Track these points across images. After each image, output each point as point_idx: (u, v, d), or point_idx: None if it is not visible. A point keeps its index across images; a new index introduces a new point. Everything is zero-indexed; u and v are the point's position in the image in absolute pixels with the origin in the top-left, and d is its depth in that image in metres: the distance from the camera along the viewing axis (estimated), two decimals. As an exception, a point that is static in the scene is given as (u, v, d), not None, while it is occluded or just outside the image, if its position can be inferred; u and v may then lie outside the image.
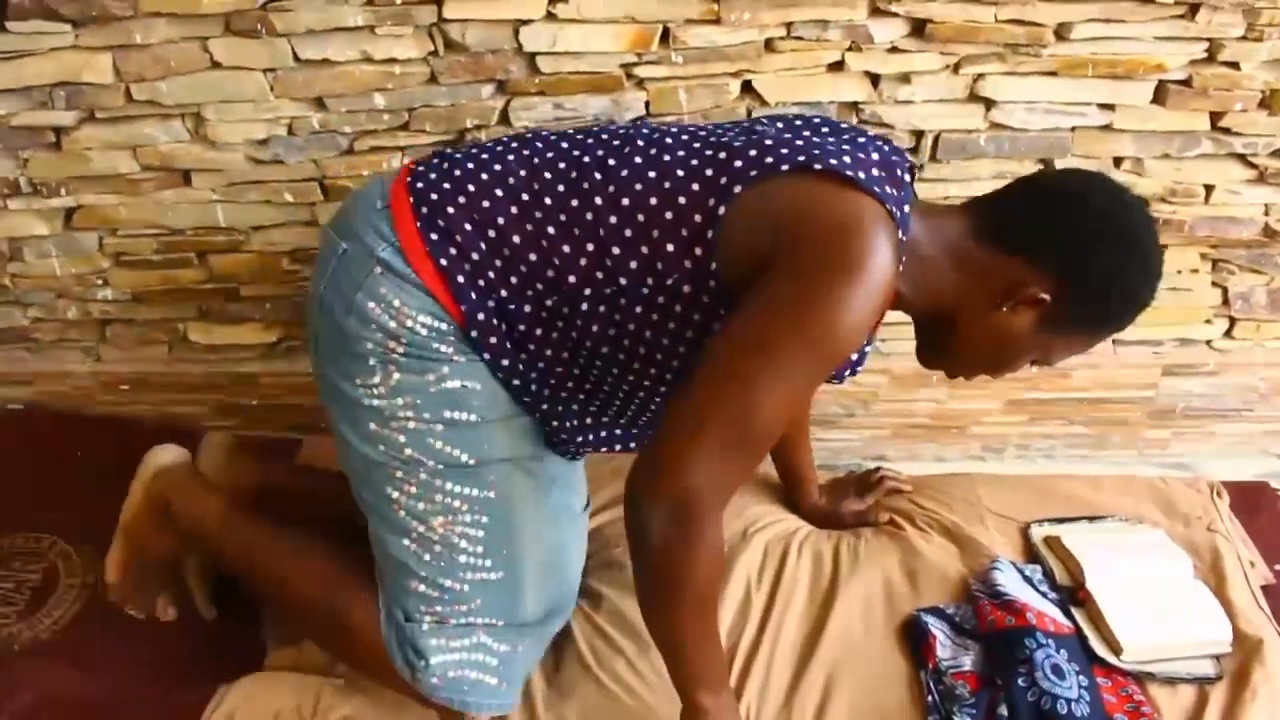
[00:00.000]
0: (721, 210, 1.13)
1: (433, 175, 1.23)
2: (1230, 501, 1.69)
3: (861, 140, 1.20)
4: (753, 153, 1.15)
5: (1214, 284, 1.76)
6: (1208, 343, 1.81)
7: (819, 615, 1.50)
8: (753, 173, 1.13)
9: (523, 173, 1.22)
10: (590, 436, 1.37)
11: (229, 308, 1.79)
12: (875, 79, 1.56)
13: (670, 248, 1.15)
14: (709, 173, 1.15)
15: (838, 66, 1.55)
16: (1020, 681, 1.37)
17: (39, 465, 1.76)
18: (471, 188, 1.21)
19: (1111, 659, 1.43)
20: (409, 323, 1.20)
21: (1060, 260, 1.15)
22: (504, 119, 1.59)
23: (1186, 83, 1.56)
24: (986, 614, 1.46)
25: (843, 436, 1.96)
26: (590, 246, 1.18)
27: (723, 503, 1.12)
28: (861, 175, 1.11)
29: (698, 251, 1.14)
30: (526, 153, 1.24)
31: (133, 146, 1.61)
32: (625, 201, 1.17)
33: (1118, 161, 1.64)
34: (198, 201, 1.67)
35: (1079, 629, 1.46)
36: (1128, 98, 1.57)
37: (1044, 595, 1.51)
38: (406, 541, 1.27)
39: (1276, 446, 1.88)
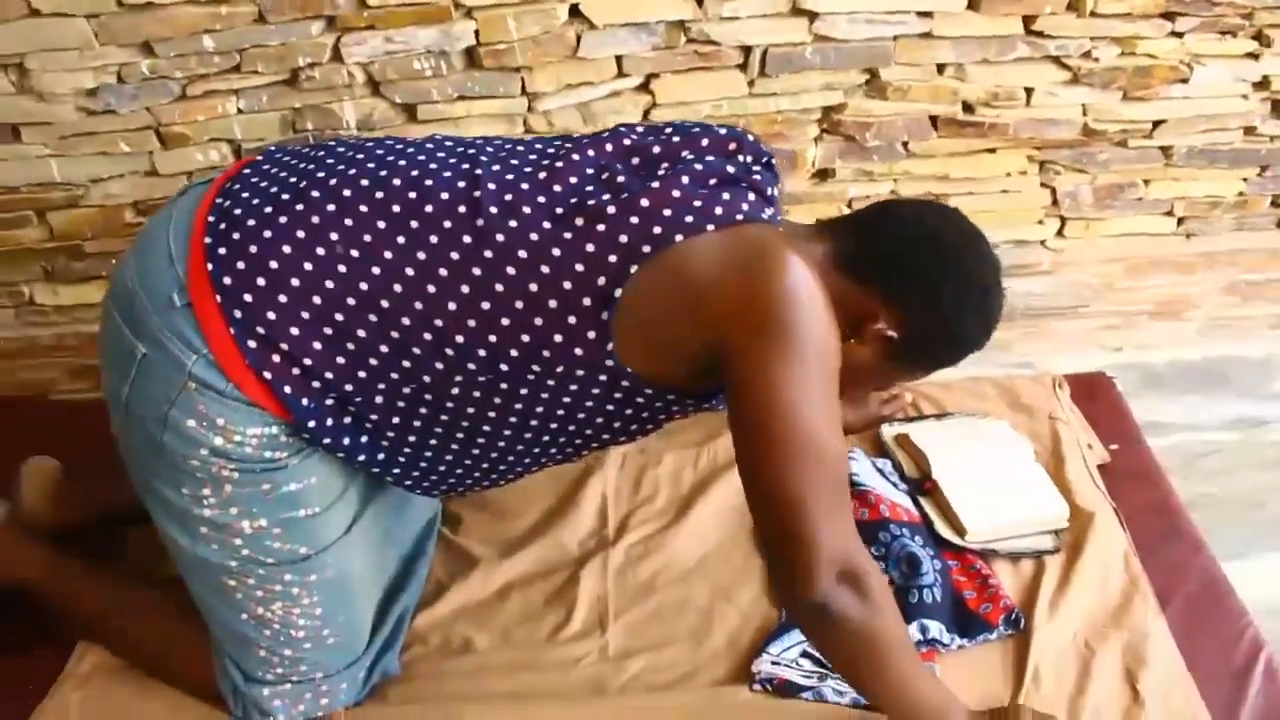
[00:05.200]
0: (618, 292, 1.08)
1: (240, 263, 1.08)
2: (1071, 392, 1.76)
3: (721, 168, 1.16)
4: (634, 220, 1.09)
5: (1042, 184, 1.84)
6: (1041, 243, 1.89)
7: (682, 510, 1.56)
8: (645, 249, 1.07)
9: (355, 252, 1.08)
10: (449, 484, 1.30)
11: (74, 266, 1.76)
12: (699, -3, 1.60)
13: (558, 337, 1.09)
14: (591, 249, 1.08)
15: (662, -15, 1.59)
16: (878, 573, 1.43)
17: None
18: (295, 282, 1.08)
19: (957, 541, 1.49)
20: (236, 439, 1.10)
21: (908, 300, 1.17)
22: (336, 55, 1.59)
23: (998, -13, 1.63)
24: (839, 505, 1.52)
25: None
26: (459, 338, 1.09)
27: (858, 542, 1.11)
28: (744, 209, 1.11)
29: (590, 336, 1.09)
30: (350, 221, 1.09)
31: (-46, 102, 1.58)
32: (499, 288, 1.08)
33: (940, 68, 1.70)
34: (29, 157, 1.63)
35: (926, 516, 1.52)
36: (944, 4, 1.63)
37: (895, 486, 1.57)
38: (244, 616, 1.22)
39: (1113, 340, 1.96)
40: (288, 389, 1.09)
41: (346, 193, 1.11)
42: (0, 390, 1.83)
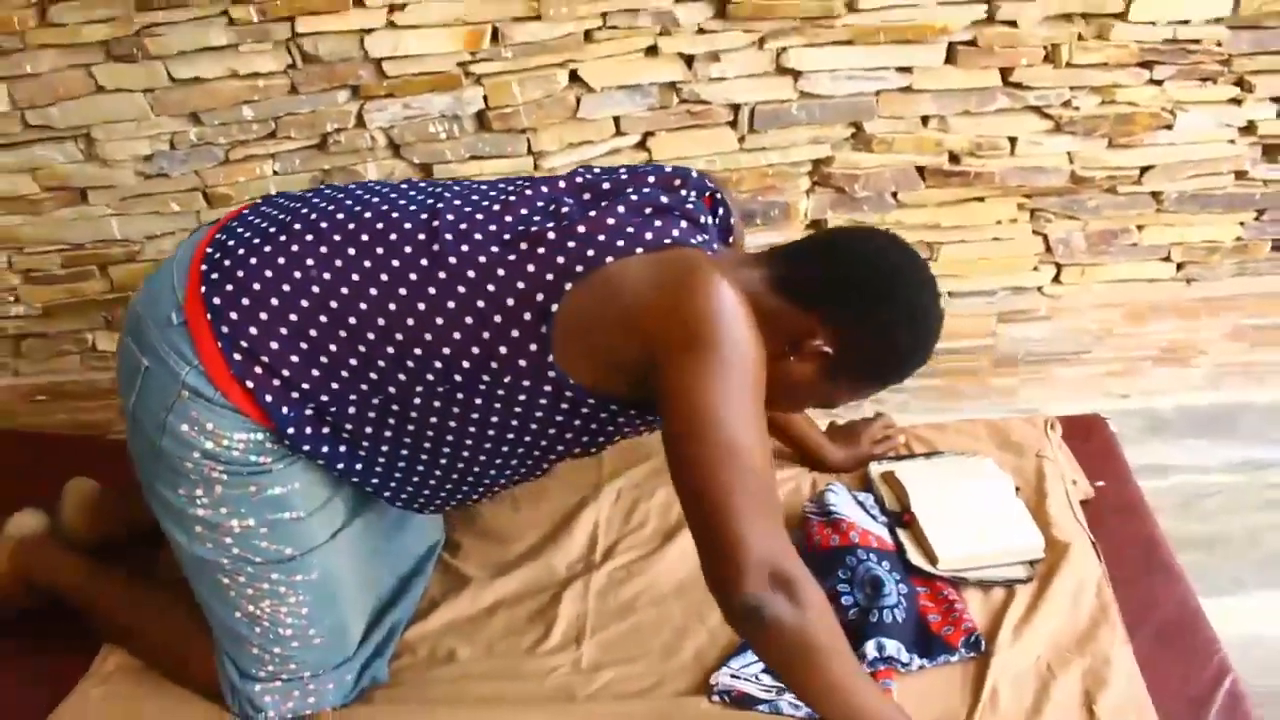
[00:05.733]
0: (554, 307, 1.18)
1: (228, 286, 1.22)
2: (1064, 432, 1.78)
3: (656, 199, 1.26)
4: (571, 244, 1.19)
5: (1034, 232, 1.89)
6: (1039, 289, 1.94)
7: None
8: (578, 268, 1.18)
9: (327, 275, 1.21)
10: (425, 497, 1.40)
11: (132, 315, 1.95)
12: (689, 59, 1.72)
13: (504, 349, 1.20)
14: (531, 269, 1.19)
15: (653, 51, 1.71)
16: (844, 600, 1.47)
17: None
18: (275, 301, 1.21)
19: (928, 568, 1.53)
20: (225, 442, 1.23)
21: (843, 318, 1.24)
22: (360, 121, 1.76)
23: (973, 43, 1.71)
24: (814, 534, 1.57)
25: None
26: (418, 350, 1.21)
27: (789, 546, 1.15)
28: (674, 234, 1.20)
29: (533, 348, 1.19)
30: (325, 250, 1.23)
31: (32, 169, 1.78)
32: (451, 305, 1.20)
33: (924, 120, 1.78)
34: (94, 217, 1.84)
35: (900, 545, 1.56)
36: (922, 60, 1.73)
37: (873, 518, 1.62)
38: (238, 614, 1.34)
39: (1118, 387, 1.98)
40: (269, 397, 1.22)
41: (324, 225, 1.25)
42: (63, 429, 2.02)
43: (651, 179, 1.30)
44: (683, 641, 1.47)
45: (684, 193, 1.30)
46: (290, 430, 1.24)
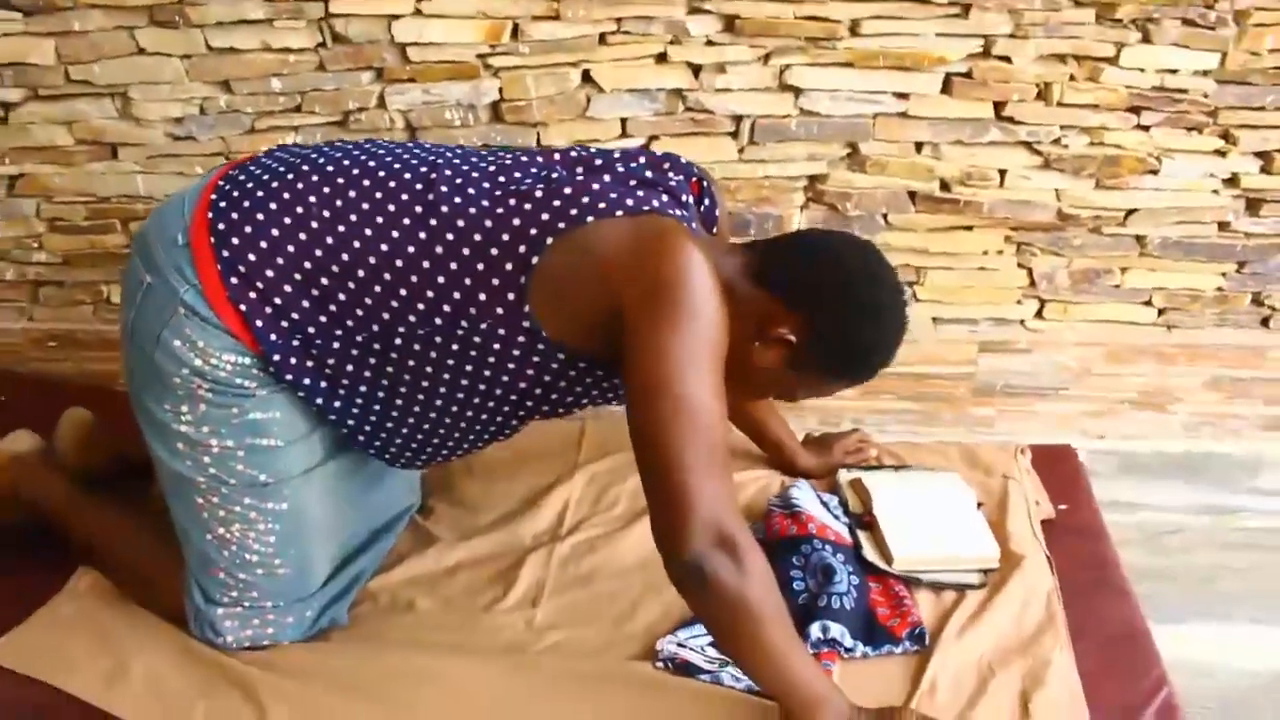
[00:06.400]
0: (535, 260, 1.24)
1: (234, 214, 1.30)
2: (1034, 459, 1.82)
3: (641, 173, 1.33)
4: (556, 202, 1.26)
5: (1019, 265, 1.94)
6: (1021, 322, 1.99)
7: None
8: (560, 225, 1.25)
9: (326, 213, 1.29)
10: (396, 447, 1.45)
11: (147, 272, 2.03)
12: (696, 69, 1.81)
13: (483, 296, 1.26)
14: (517, 222, 1.26)
15: (663, 58, 1.80)
16: (795, 585, 1.51)
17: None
18: (275, 231, 1.28)
19: (882, 565, 1.56)
20: (214, 361, 1.30)
21: (808, 308, 1.30)
22: (381, 102, 1.85)
23: (968, 75, 1.78)
24: (774, 524, 1.61)
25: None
26: (403, 291, 1.28)
27: (736, 511, 1.21)
28: (654, 204, 1.27)
29: (510, 297, 1.26)
30: (328, 190, 1.30)
31: (69, 122, 1.87)
32: (439, 249, 1.27)
33: (919, 146, 1.85)
34: (122, 172, 1.92)
35: (858, 543, 1.60)
36: (919, 88, 1.80)
37: (835, 517, 1.65)
38: (209, 536, 1.40)
39: (1095, 427, 2.01)
40: (259, 323, 1.29)
41: (329, 168, 1.33)
42: (71, 378, 2.09)
43: (641, 159, 1.37)
44: (636, 612, 1.51)
45: (670, 173, 1.37)
46: (276, 357, 1.31)
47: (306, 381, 1.34)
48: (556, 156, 1.37)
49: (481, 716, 1.35)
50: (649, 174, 1.34)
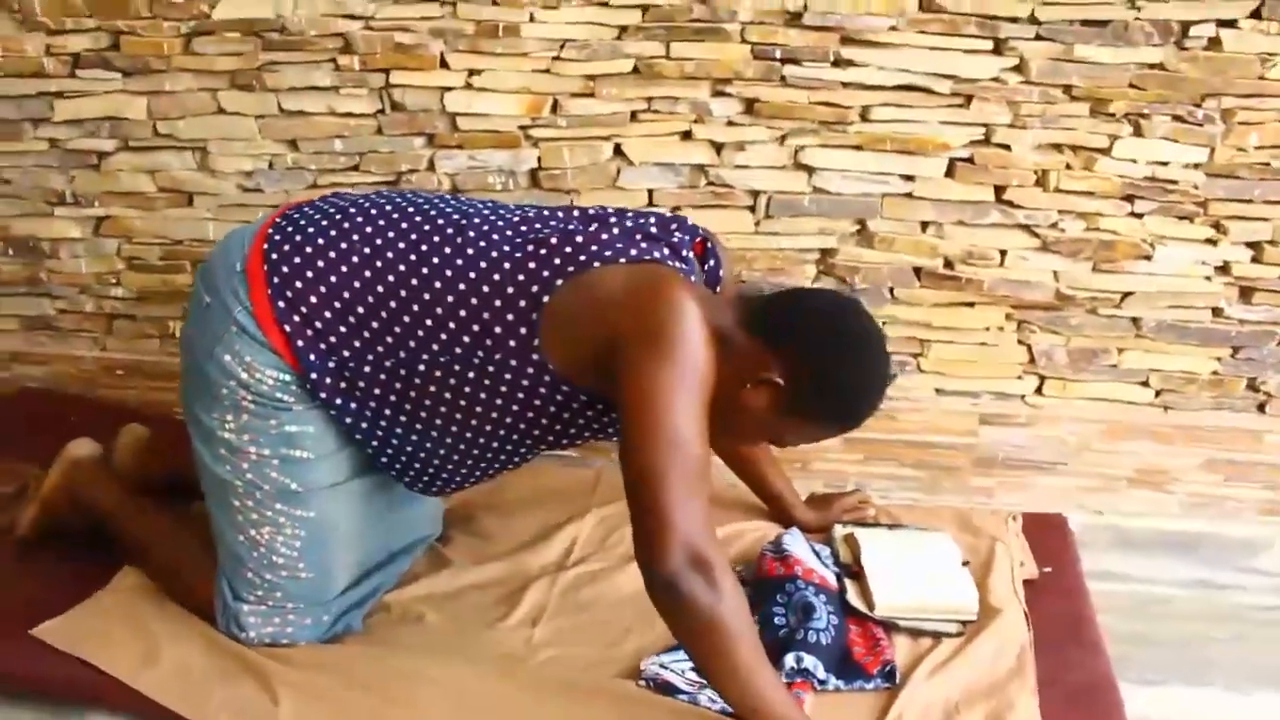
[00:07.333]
0: (546, 299, 1.39)
1: (286, 246, 1.47)
2: (1026, 525, 1.90)
3: (648, 229, 1.47)
4: (568, 249, 1.41)
5: (1020, 341, 2.03)
6: (1021, 397, 2.07)
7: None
8: (570, 268, 1.40)
9: (367, 249, 1.45)
10: (415, 471, 1.58)
11: (211, 311, 2.22)
12: (718, 147, 1.96)
13: (499, 329, 1.41)
14: (532, 265, 1.41)
15: (687, 135, 1.96)
16: (776, 620, 1.60)
17: (35, 426, 2.15)
18: (321, 263, 1.45)
19: (864, 609, 1.64)
20: (258, 375, 1.46)
21: (797, 356, 1.40)
22: (430, 165, 2.03)
23: (970, 160, 1.91)
24: (764, 566, 1.70)
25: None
26: (429, 321, 1.43)
27: (713, 534, 1.32)
28: (656, 255, 1.43)
29: (523, 332, 1.40)
30: (370, 230, 1.47)
31: (153, 171, 2.09)
32: (462, 286, 1.42)
33: (924, 225, 1.98)
34: (196, 219, 2.13)
35: (844, 588, 1.69)
36: (924, 170, 1.93)
37: (825, 565, 1.74)
38: (241, 538, 1.54)
39: (1093, 502, 2.07)
40: (300, 343, 1.45)
41: (373, 212, 1.51)
42: (134, 405, 2.27)
43: (651, 218, 1.52)
44: (627, 638, 1.61)
45: (675, 232, 1.51)
46: (314, 376, 1.46)
47: (338, 401, 1.49)
48: (575, 213, 1.53)
49: (476, 712, 1.46)
50: (655, 230, 1.49)
